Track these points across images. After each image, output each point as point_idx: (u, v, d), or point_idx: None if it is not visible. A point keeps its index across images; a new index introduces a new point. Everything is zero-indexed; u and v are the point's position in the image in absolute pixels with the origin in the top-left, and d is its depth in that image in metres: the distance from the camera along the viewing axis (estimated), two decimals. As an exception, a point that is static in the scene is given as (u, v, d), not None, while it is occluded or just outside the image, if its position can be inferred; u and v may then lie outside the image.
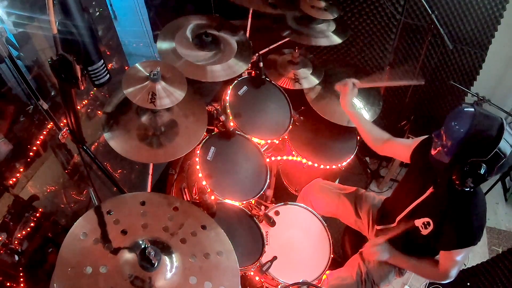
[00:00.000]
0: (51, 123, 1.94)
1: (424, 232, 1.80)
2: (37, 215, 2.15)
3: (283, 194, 2.85)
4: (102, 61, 1.34)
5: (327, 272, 2.03)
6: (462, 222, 1.65)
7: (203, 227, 1.46)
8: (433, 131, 1.67)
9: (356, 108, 2.21)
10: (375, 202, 2.22)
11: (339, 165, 2.50)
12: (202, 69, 2.01)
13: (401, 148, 1.98)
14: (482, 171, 1.48)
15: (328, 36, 2.41)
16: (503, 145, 1.46)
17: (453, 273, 1.76)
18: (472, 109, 1.54)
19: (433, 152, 1.66)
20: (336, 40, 2.43)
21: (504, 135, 1.46)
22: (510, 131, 1.49)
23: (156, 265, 1.25)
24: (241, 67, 2.10)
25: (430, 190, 1.77)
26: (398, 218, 1.94)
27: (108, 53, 2.98)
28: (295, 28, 2.40)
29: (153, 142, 1.78)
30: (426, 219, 1.78)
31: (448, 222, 1.69)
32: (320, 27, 2.43)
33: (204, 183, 1.91)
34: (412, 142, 1.94)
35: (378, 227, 2.09)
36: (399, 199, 2.00)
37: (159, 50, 1.99)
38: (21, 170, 2.13)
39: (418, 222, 1.82)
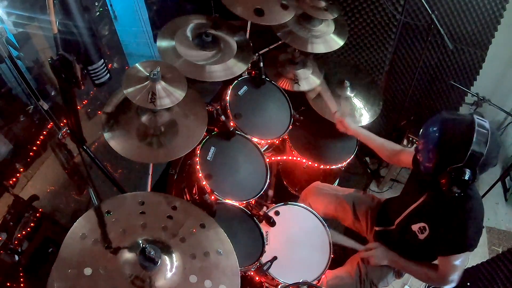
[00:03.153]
0: (51, 123, 1.94)
1: (421, 237, 1.80)
2: (37, 215, 2.15)
3: (283, 194, 2.85)
4: (102, 60, 1.34)
5: (327, 271, 2.02)
6: (457, 227, 1.64)
7: (203, 226, 1.47)
8: None
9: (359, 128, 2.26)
10: (374, 203, 2.22)
11: (339, 165, 2.50)
12: (201, 68, 2.01)
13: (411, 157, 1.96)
14: (466, 177, 1.46)
15: (326, 41, 2.40)
16: (476, 145, 1.43)
17: (454, 277, 1.73)
18: (440, 116, 1.54)
19: (419, 161, 1.67)
20: (334, 46, 2.41)
21: (476, 135, 1.43)
22: (483, 128, 1.45)
23: (156, 264, 1.25)
24: (240, 68, 2.11)
25: (425, 195, 1.77)
26: (396, 221, 1.94)
27: (108, 53, 2.98)
28: (293, 29, 2.39)
29: (153, 142, 1.78)
30: (422, 224, 1.78)
31: (443, 227, 1.68)
32: (318, 29, 2.42)
33: (204, 183, 1.91)
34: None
35: (377, 228, 2.09)
36: (398, 202, 2.01)
37: (159, 48, 1.99)
38: (21, 170, 2.14)
39: (415, 227, 1.82)
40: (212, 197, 1.85)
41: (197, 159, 1.95)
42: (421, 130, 1.60)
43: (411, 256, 1.92)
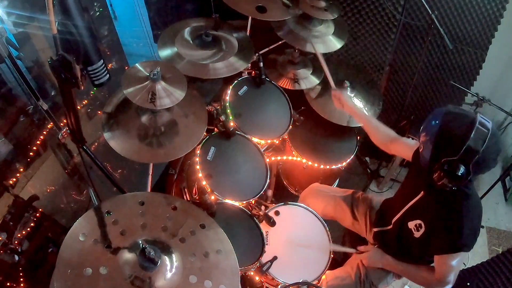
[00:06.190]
0: (51, 123, 1.94)
1: (417, 234, 1.78)
2: (37, 215, 2.15)
3: (283, 194, 2.85)
4: (101, 61, 1.34)
5: (327, 272, 2.03)
6: (452, 226, 1.63)
7: (202, 226, 1.47)
8: None
9: (356, 106, 2.22)
10: (373, 204, 2.21)
11: (339, 165, 2.50)
12: (204, 67, 2.02)
13: (406, 148, 1.96)
14: (459, 172, 1.45)
15: (326, 42, 2.41)
16: (473, 142, 1.42)
17: (450, 278, 1.71)
18: (444, 109, 1.54)
19: (420, 153, 1.66)
20: (335, 46, 2.42)
21: (475, 131, 1.42)
22: (484, 127, 1.45)
23: (156, 264, 1.25)
24: (242, 64, 2.12)
25: (423, 192, 1.77)
26: (393, 220, 1.94)
27: (108, 53, 2.98)
28: (294, 29, 2.39)
29: (153, 142, 1.78)
30: (418, 221, 1.77)
31: (439, 224, 1.67)
32: (318, 29, 2.42)
33: (204, 183, 1.91)
34: (414, 144, 1.94)
35: (376, 229, 2.09)
36: (396, 201, 2.00)
37: (162, 58, 2.00)
38: (21, 170, 2.13)
39: (411, 224, 1.81)
40: (212, 197, 1.86)
41: (197, 159, 1.95)
42: (425, 120, 1.59)
43: (408, 256, 1.91)
